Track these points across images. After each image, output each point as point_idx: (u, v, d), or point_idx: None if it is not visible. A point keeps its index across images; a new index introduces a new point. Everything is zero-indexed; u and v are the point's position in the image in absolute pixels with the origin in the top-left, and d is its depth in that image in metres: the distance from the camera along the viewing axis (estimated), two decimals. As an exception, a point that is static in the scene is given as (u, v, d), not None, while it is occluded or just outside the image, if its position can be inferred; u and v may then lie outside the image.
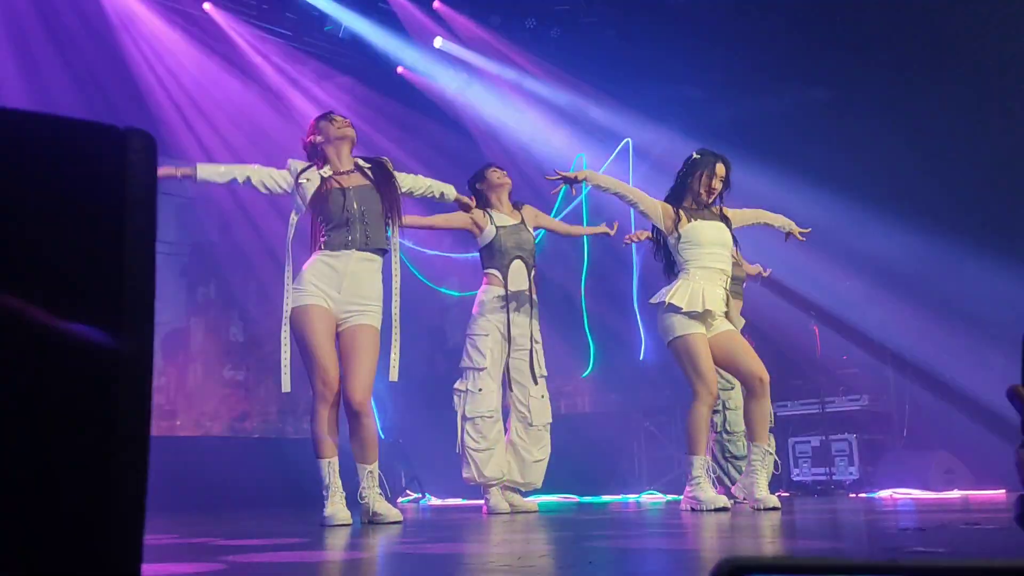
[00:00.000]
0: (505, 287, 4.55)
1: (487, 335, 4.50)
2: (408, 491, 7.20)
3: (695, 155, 4.41)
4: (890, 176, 6.21)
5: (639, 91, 6.94)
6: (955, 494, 5.49)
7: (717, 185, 4.33)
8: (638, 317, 6.89)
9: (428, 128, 7.66)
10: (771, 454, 4.18)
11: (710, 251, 4.22)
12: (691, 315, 4.13)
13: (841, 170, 6.36)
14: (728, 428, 5.03)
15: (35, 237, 0.60)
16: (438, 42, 7.68)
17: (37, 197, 0.60)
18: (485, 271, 4.72)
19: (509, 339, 4.54)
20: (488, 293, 4.64)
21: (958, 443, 5.34)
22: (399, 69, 7.91)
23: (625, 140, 7.26)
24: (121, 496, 0.61)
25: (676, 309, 4.13)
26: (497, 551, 2.25)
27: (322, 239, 3.83)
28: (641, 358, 6.81)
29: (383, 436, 7.86)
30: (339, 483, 3.77)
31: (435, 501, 7.17)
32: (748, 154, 6.52)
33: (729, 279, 4.24)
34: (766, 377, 4.06)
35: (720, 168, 4.34)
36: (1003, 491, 5.39)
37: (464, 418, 4.47)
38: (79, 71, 6.29)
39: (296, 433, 7.77)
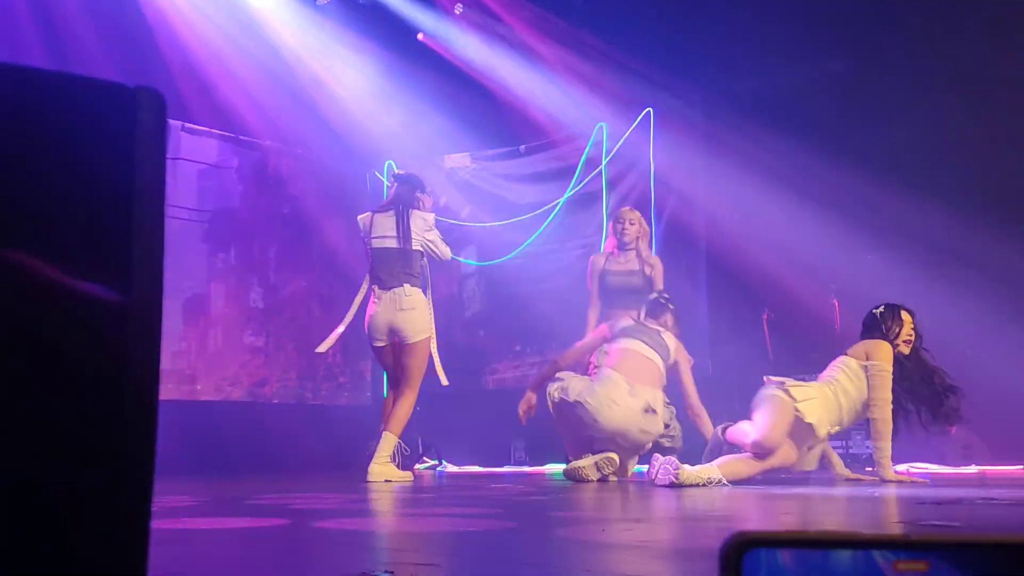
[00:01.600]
0: None
1: None
2: (425, 458, 7.26)
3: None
4: (913, 149, 6.11)
5: (662, 60, 6.85)
6: (972, 469, 5.47)
7: None
8: (656, 288, 6.85)
9: (450, 95, 7.61)
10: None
11: None
12: None
13: (865, 143, 6.27)
14: None
15: (42, 194, 0.60)
16: (459, 9, 7.62)
17: (44, 154, 0.60)
18: None
19: None
20: None
21: (977, 419, 5.30)
22: (420, 35, 7.85)
23: (646, 110, 7.18)
24: (130, 466, 0.61)
25: None
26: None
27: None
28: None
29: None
30: None
31: (451, 468, 7.24)
32: (768, 126, 6.44)
33: None
34: None
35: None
36: (1020, 467, 5.36)
37: None
38: (104, 28, 6.29)
39: (315, 399, 7.84)
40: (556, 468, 5.32)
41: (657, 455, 4.30)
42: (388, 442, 5.10)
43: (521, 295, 7.50)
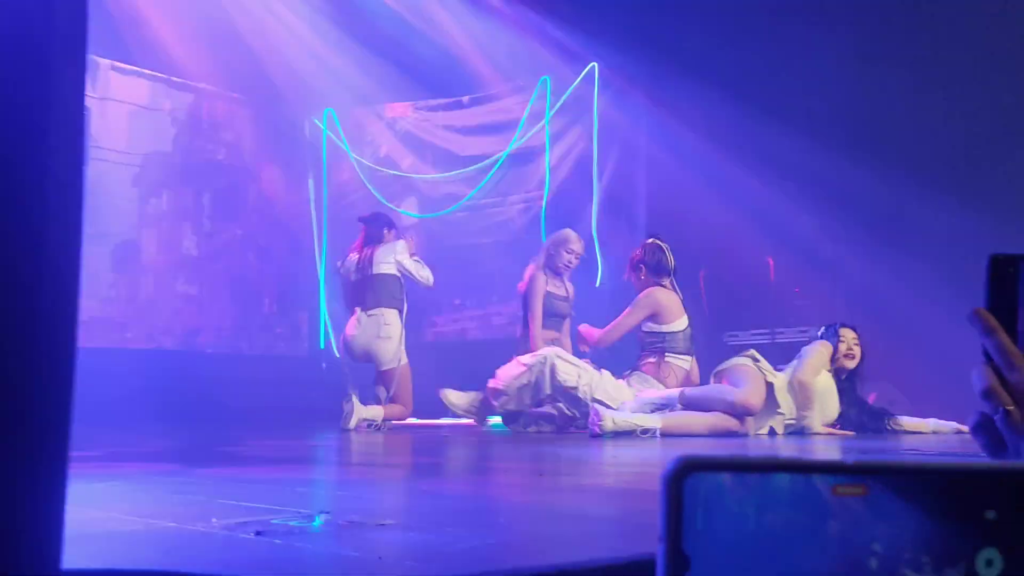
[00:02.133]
0: None
1: None
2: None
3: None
4: (848, 111, 6.21)
5: (608, 16, 6.80)
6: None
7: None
8: (596, 243, 6.89)
9: (392, 43, 7.45)
10: None
11: None
12: None
13: (804, 106, 6.34)
14: None
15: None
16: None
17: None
18: None
19: None
20: None
21: (903, 375, 5.50)
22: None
23: (591, 64, 7.14)
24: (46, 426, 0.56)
25: None
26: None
27: None
28: (597, 284, 6.85)
29: (338, 355, 7.85)
30: None
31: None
32: (712, 85, 6.47)
33: None
34: None
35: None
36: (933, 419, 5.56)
37: None
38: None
39: (251, 349, 7.73)
40: (494, 420, 5.36)
41: (596, 406, 4.37)
42: (371, 412, 5.22)
43: (462, 248, 7.46)
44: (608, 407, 4.39)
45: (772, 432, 4.56)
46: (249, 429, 5.14)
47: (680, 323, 5.09)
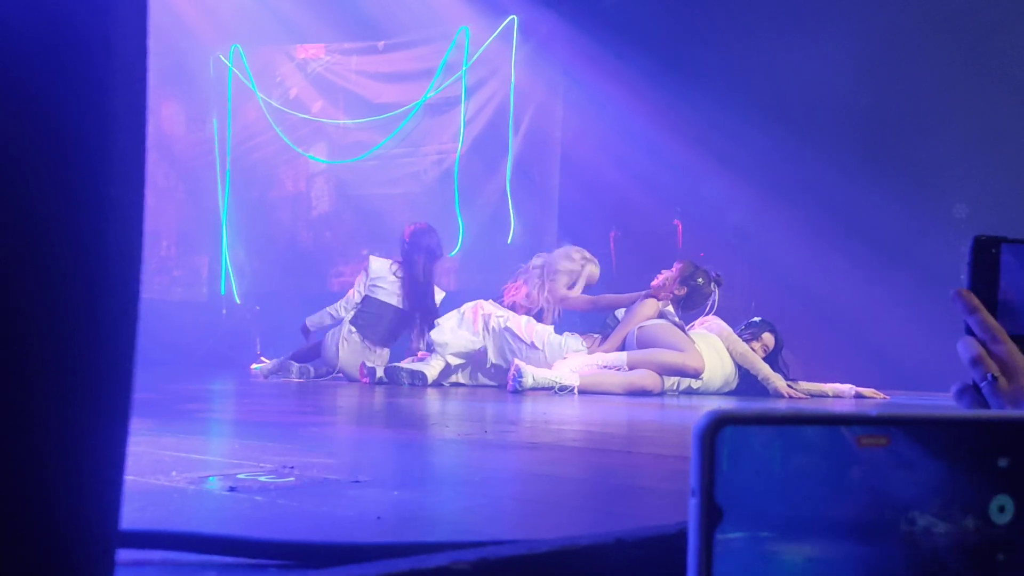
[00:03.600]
0: None
1: None
2: (263, 358, 7.07)
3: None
4: (762, 79, 6.35)
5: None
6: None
7: None
8: (509, 200, 6.88)
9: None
10: None
11: None
12: None
13: (718, 67, 6.44)
14: None
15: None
16: None
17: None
18: None
19: None
20: None
21: (805, 339, 5.72)
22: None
23: (510, 17, 7.06)
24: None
25: None
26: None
27: None
28: (509, 241, 6.85)
29: (239, 301, 7.64)
30: None
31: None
32: (631, 44, 6.51)
33: None
34: None
35: None
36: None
37: None
38: None
39: (146, 293, 7.41)
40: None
41: (517, 362, 4.40)
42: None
43: (372, 198, 7.34)
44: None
45: (688, 391, 4.70)
46: (150, 374, 4.95)
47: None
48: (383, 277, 5.64)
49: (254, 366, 6.36)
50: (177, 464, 1.40)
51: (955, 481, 0.45)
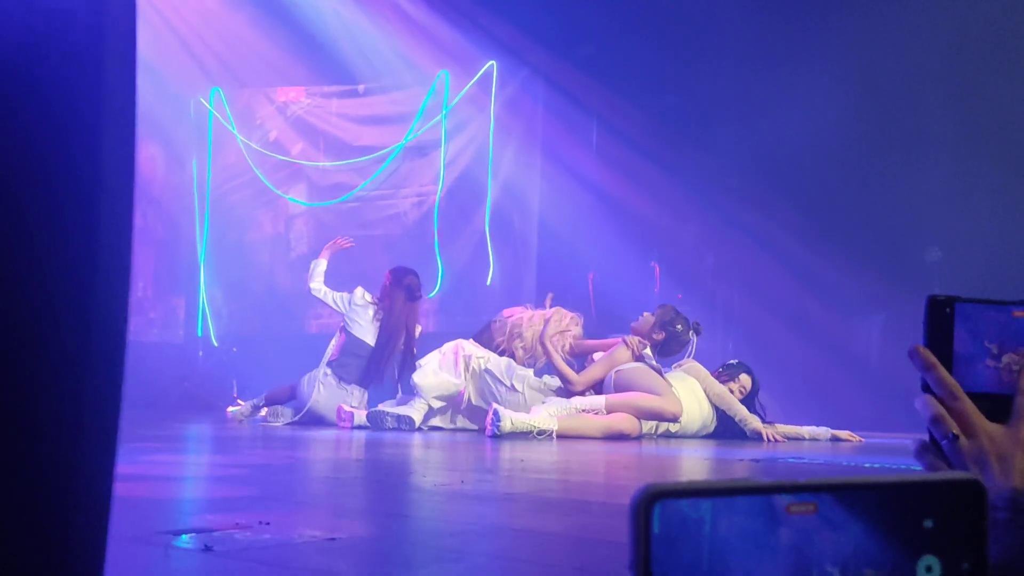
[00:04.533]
0: None
1: None
2: (240, 400, 7.01)
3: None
4: (756, 132, 6.45)
5: (507, 16, 6.82)
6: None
7: None
8: (489, 242, 6.91)
9: (287, 25, 7.24)
10: None
11: None
12: None
13: (707, 121, 6.55)
14: None
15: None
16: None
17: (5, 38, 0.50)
18: None
19: None
20: None
21: (782, 382, 5.75)
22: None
23: (489, 63, 7.15)
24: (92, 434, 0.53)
25: None
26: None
27: None
28: (488, 283, 6.87)
29: (216, 343, 7.59)
30: None
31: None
32: (607, 91, 6.61)
33: None
34: None
35: None
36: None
37: None
38: None
39: (138, 335, 7.37)
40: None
41: (496, 406, 4.39)
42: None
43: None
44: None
45: (666, 434, 4.70)
46: (126, 417, 4.89)
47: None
48: (363, 309, 5.63)
49: (230, 409, 6.31)
50: (152, 514, 1.38)
51: (883, 543, 0.46)
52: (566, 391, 4.78)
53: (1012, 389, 0.79)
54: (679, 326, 5.04)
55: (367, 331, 5.61)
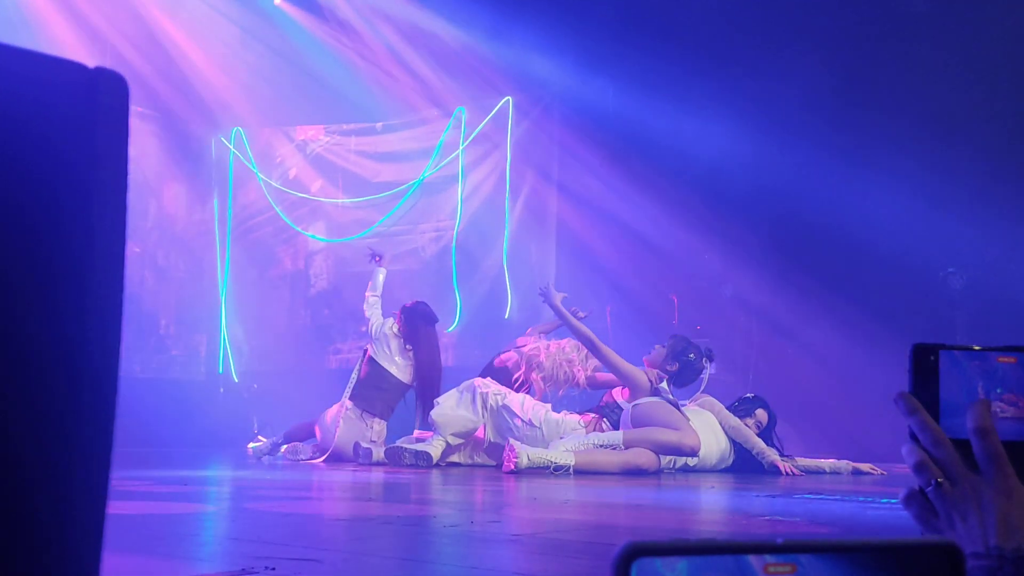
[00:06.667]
0: None
1: None
2: (260, 437, 7.03)
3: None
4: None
5: (522, 51, 6.90)
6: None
7: None
8: (506, 275, 6.93)
9: (306, 65, 7.37)
10: None
11: None
12: None
13: (725, 153, 6.56)
14: None
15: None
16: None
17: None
18: None
19: None
20: None
21: (802, 414, 5.70)
22: (276, 1, 7.55)
23: (505, 99, 7.22)
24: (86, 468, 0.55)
25: None
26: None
27: None
28: (507, 316, 6.88)
29: (236, 380, 7.63)
30: None
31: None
32: (623, 124, 6.65)
33: None
34: None
35: None
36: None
37: None
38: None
39: (143, 372, 7.43)
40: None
41: (512, 441, 4.37)
42: None
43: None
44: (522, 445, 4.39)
45: (684, 468, 4.66)
46: (147, 454, 4.92)
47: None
48: (393, 339, 5.67)
49: (251, 445, 6.33)
50: (159, 552, 1.38)
51: (861, 605, 0.46)
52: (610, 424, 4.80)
53: (999, 436, 0.79)
54: (692, 355, 5.01)
55: (392, 362, 5.63)
